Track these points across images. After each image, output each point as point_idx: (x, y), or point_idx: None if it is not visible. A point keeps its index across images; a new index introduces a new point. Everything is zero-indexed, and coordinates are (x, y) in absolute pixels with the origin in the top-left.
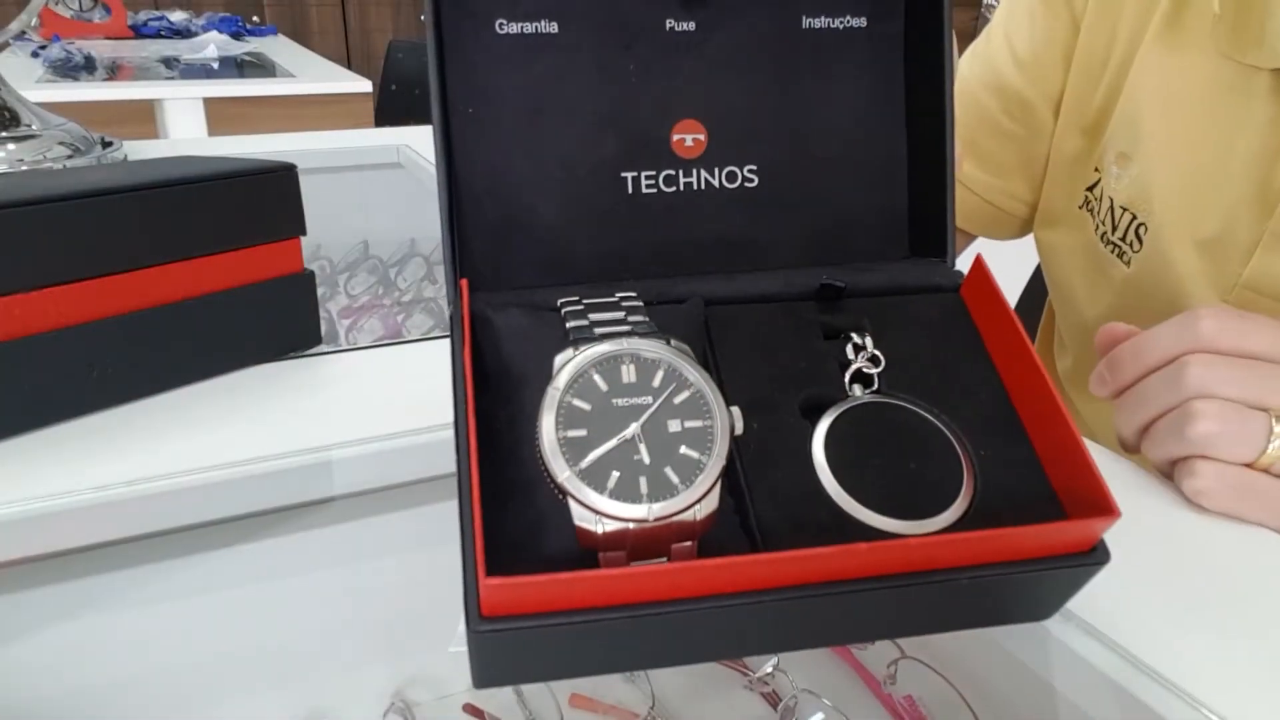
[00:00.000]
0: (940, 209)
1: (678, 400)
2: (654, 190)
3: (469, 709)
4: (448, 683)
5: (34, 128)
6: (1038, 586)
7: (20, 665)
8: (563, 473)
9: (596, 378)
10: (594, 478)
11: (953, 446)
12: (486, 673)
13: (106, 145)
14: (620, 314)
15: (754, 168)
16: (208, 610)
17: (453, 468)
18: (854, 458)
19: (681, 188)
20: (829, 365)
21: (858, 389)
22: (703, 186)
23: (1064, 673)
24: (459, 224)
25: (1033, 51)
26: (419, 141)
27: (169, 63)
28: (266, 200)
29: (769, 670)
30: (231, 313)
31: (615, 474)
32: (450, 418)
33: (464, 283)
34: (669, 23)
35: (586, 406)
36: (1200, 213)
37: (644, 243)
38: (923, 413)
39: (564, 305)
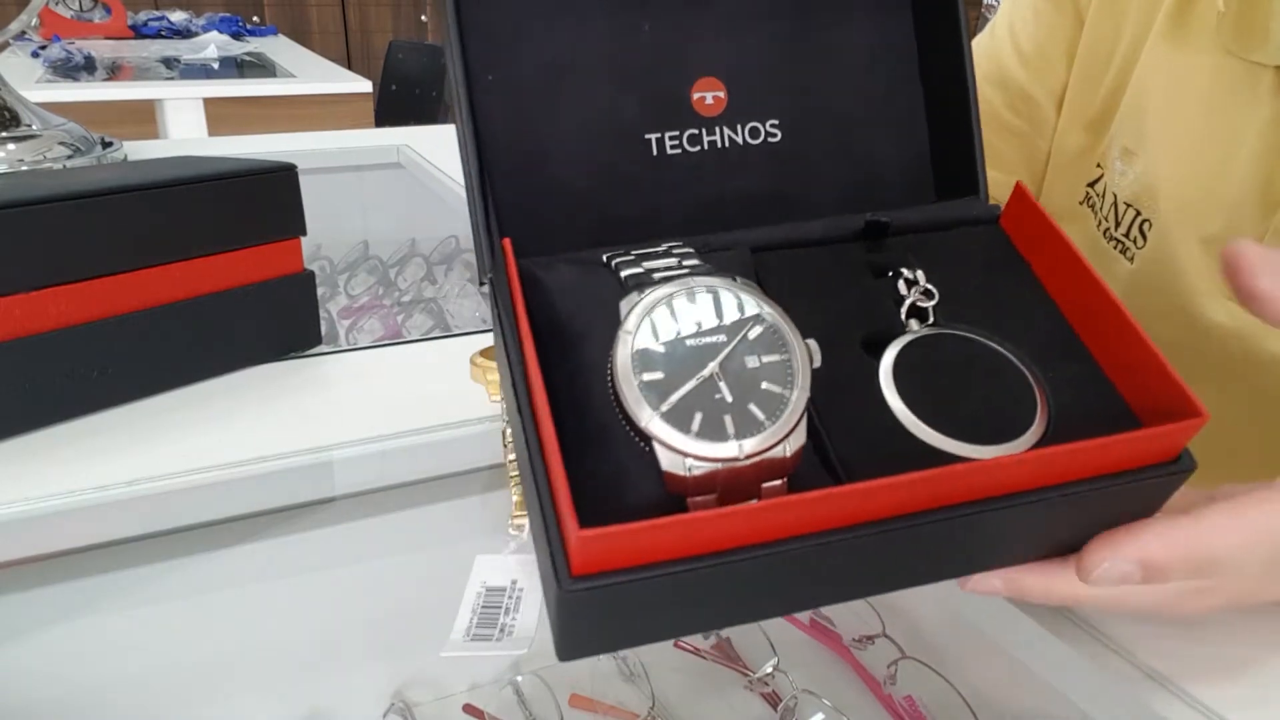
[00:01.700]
0: (968, 147)
1: (753, 336)
2: (679, 150)
3: (469, 709)
4: (448, 683)
5: (34, 128)
6: (1128, 500)
7: (20, 665)
8: (646, 417)
9: (666, 318)
10: (678, 420)
11: (1020, 371)
12: (573, 641)
13: (106, 145)
14: (674, 260)
15: (776, 122)
16: (208, 610)
17: (453, 468)
18: (924, 389)
19: (705, 146)
20: (884, 302)
21: (914, 324)
22: (726, 144)
23: (1064, 673)
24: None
25: (1037, 46)
26: (419, 141)
27: (169, 63)
28: (266, 200)
29: (769, 670)
30: (231, 313)
31: (699, 415)
32: (451, 418)
33: (507, 241)
34: None
35: (660, 349)
36: (1204, 210)
37: (673, 203)
38: (985, 340)
39: (613, 258)
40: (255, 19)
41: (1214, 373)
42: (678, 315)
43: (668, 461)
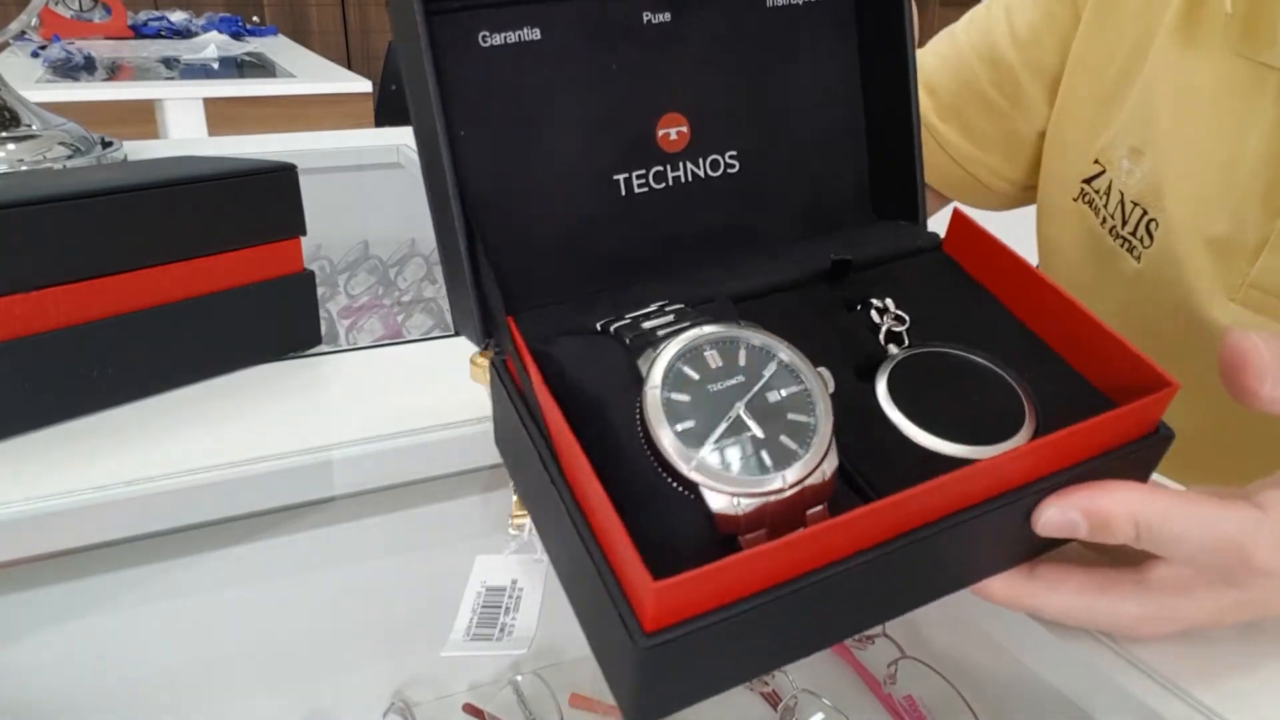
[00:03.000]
0: (909, 173)
1: (768, 372)
2: (645, 189)
3: (469, 709)
4: (448, 683)
5: (34, 128)
6: (1121, 474)
7: (20, 665)
8: (688, 465)
9: (686, 369)
10: (719, 462)
11: (1001, 376)
12: (652, 701)
13: (106, 145)
14: (670, 316)
15: (734, 153)
16: (208, 610)
17: (453, 468)
18: (920, 404)
19: (670, 183)
20: (861, 332)
21: (893, 348)
22: (689, 179)
23: (1064, 673)
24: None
25: (1031, 29)
26: None
27: (169, 63)
28: (266, 200)
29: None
30: (231, 313)
31: (736, 454)
32: (451, 418)
33: (511, 320)
34: (645, 15)
35: (686, 398)
36: (1210, 211)
37: (642, 242)
38: (963, 353)
39: (611, 324)
40: (255, 19)
41: (1216, 372)
42: (695, 365)
43: (717, 503)
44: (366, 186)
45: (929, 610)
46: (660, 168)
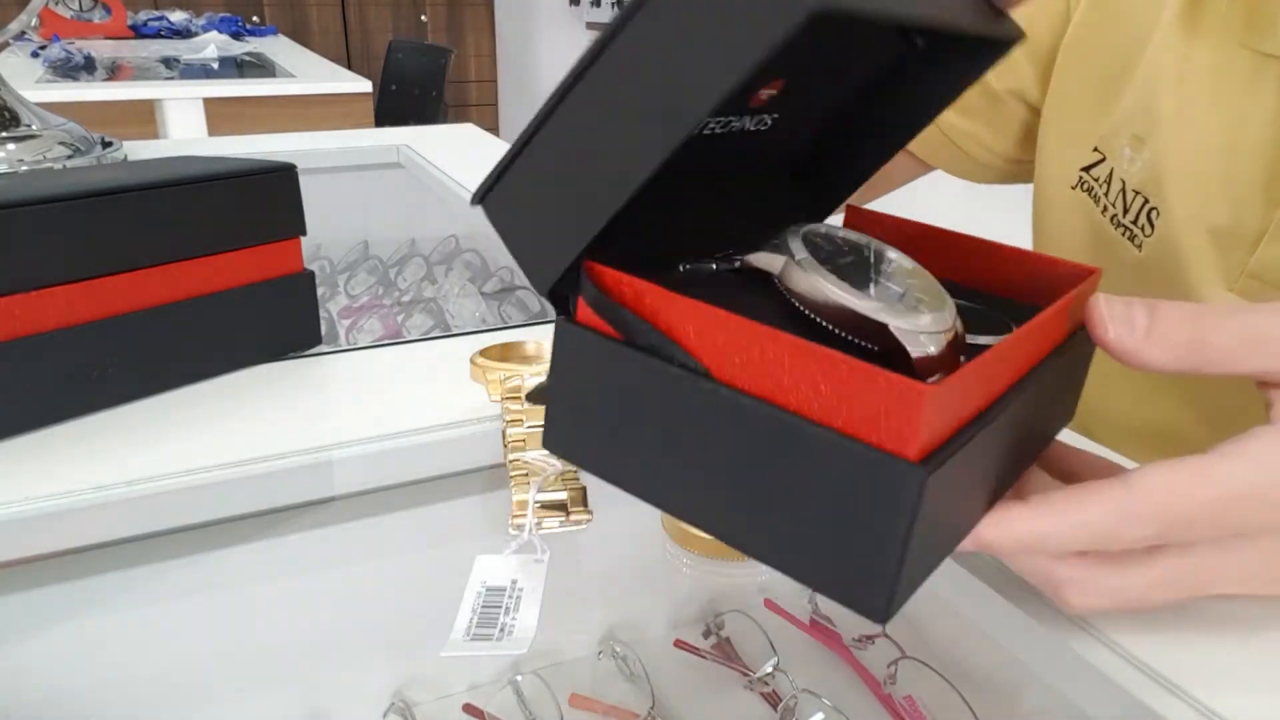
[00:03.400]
0: (850, 181)
1: (869, 252)
2: (709, 133)
3: (469, 709)
4: (448, 683)
5: (34, 128)
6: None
7: (20, 665)
8: (878, 311)
9: (815, 250)
10: (897, 310)
11: (971, 307)
12: (905, 571)
13: (106, 145)
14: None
15: (776, 115)
16: (208, 610)
17: (453, 468)
18: None
19: (724, 129)
20: None
21: None
22: (735, 129)
23: (1064, 673)
24: None
25: (1025, 9)
26: (419, 141)
27: (169, 63)
28: (266, 200)
29: (769, 670)
30: (231, 313)
31: (901, 305)
32: (451, 418)
33: (590, 264)
34: None
35: (831, 270)
36: (1211, 200)
37: (678, 177)
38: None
39: (688, 264)
40: (255, 19)
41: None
42: (817, 250)
43: (914, 345)
44: (366, 186)
45: (929, 610)
46: (733, 117)
